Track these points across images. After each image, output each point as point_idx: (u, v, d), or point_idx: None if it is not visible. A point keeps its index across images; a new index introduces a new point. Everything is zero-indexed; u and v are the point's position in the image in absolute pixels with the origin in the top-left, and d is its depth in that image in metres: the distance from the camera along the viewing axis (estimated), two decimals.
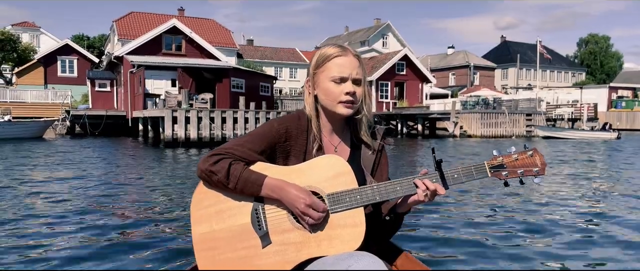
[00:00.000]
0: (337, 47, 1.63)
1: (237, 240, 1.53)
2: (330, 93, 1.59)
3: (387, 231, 1.73)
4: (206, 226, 1.56)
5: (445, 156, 14.10)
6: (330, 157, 1.58)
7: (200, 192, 1.59)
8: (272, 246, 1.52)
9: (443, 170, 1.57)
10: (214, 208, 1.57)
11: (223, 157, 1.53)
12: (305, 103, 1.67)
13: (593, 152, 16.42)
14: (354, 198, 1.53)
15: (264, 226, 1.53)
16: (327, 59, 1.61)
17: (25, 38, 43.04)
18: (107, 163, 11.28)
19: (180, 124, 19.83)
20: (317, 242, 1.51)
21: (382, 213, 1.69)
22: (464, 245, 4.03)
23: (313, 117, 1.64)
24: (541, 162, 1.57)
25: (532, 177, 1.57)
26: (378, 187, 1.56)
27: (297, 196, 1.49)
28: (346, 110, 1.59)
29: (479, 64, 60.16)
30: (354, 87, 1.59)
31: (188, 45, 30.21)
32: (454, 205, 5.78)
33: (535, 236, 4.34)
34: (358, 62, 1.62)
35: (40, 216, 5.04)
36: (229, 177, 1.51)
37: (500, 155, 1.59)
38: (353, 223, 1.52)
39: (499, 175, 1.57)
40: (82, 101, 33.58)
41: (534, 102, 33.16)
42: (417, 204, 1.60)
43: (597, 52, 76.08)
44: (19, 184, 7.47)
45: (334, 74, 1.58)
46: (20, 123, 23.13)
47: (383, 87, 35.23)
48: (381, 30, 56.77)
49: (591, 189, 7.50)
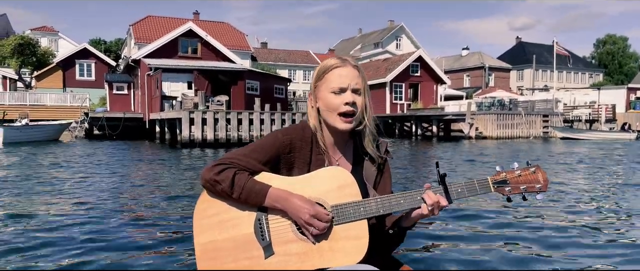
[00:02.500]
0: (336, 58, 1.65)
1: (240, 250, 1.54)
2: (330, 105, 1.59)
3: (390, 244, 1.72)
4: (209, 236, 1.56)
5: (462, 159, 14.00)
6: (335, 168, 1.59)
7: (203, 200, 1.60)
8: (274, 257, 1.52)
9: (447, 184, 1.57)
10: (217, 218, 1.57)
11: (227, 167, 1.54)
12: (309, 116, 1.68)
13: (613, 153, 16.15)
14: (358, 210, 1.53)
15: (267, 237, 1.53)
16: (327, 71, 1.62)
17: (44, 42, 43.81)
18: (120, 166, 11.43)
19: (197, 125, 20.08)
20: (320, 254, 1.51)
21: (386, 226, 1.69)
22: (465, 259, 3.97)
23: (318, 130, 1.64)
24: (544, 178, 1.58)
25: (535, 193, 1.58)
26: (382, 199, 1.56)
27: (301, 206, 1.50)
28: (345, 125, 1.60)
29: (494, 65, 59.57)
30: (353, 96, 1.60)
31: (204, 48, 30.49)
32: (456, 219, 5.72)
33: (545, 251, 4.28)
34: (358, 73, 1.63)
35: (43, 216, 5.13)
36: (233, 186, 1.52)
37: (504, 171, 1.60)
38: (356, 235, 1.52)
39: (502, 191, 1.58)
40: (100, 104, 34.07)
41: (550, 103, 32.72)
42: (422, 218, 1.60)
43: (615, 53, 74.79)
44: (26, 184, 7.61)
45: (334, 85, 1.59)
46: (37, 127, 23.51)
47: (397, 89, 35.10)
48: (395, 32, 56.54)
49: (612, 190, 7.39)
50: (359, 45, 58.14)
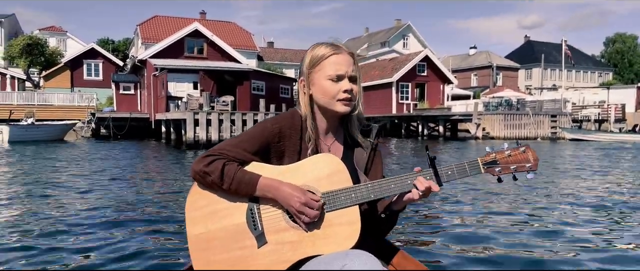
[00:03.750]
0: (331, 45, 1.63)
1: (233, 240, 1.53)
2: (328, 92, 1.59)
3: (383, 229, 1.72)
4: (201, 227, 1.56)
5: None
6: (325, 155, 1.58)
7: (194, 192, 1.59)
8: (267, 245, 1.51)
9: (436, 167, 1.57)
10: (208, 209, 1.57)
11: (217, 158, 1.54)
12: (300, 103, 1.66)
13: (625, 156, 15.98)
14: (349, 196, 1.53)
15: (259, 226, 1.53)
16: (322, 58, 1.61)
17: (52, 42, 44.14)
18: (116, 167, 11.46)
19: (202, 126, 20.10)
20: (313, 241, 1.50)
21: (378, 211, 1.69)
22: (461, 242, 3.96)
23: (308, 117, 1.63)
24: (534, 157, 1.58)
25: (525, 172, 1.58)
26: (372, 185, 1.55)
27: (291, 194, 1.49)
28: (344, 108, 1.60)
29: (502, 64, 59.25)
30: (351, 84, 1.59)
31: (209, 48, 30.57)
32: (450, 202, 5.69)
33: (539, 230, 4.24)
34: (353, 60, 1.62)
35: (45, 215, 5.13)
36: (223, 177, 1.51)
37: (493, 152, 1.59)
38: (348, 221, 1.51)
39: (492, 171, 1.58)
40: (107, 104, 34.27)
41: (559, 102, 32.46)
42: (412, 202, 1.60)
43: (625, 52, 74.11)
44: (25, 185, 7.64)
45: (331, 72, 1.58)
46: (42, 126, 23.68)
47: (404, 88, 35.02)
48: (402, 31, 56.41)
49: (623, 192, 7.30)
50: (365, 44, 58.06)
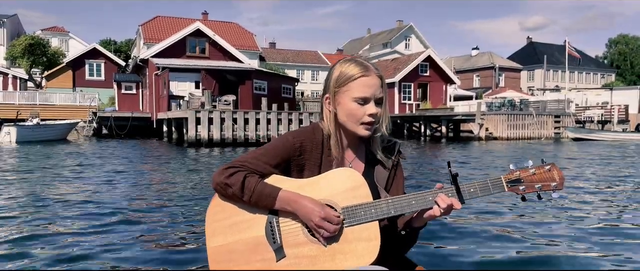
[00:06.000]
0: (361, 65, 1.60)
1: (252, 253, 1.53)
2: (352, 115, 1.58)
3: (403, 245, 1.71)
4: (221, 239, 1.57)
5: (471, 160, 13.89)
6: (345, 170, 1.57)
7: (215, 204, 1.60)
8: (286, 259, 1.51)
9: (459, 184, 1.54)
10: (228, 221, 1.57)
11: (238, 170, 1.55)
12: (325, 120, 1.65)
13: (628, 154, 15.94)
14: (369, 212, 1.52)
15: (278, 239, 1.53)
16: (351, 79, 1.58)
17: (55, 42, 44.20)
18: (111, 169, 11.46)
19: (204, 125, 20.10)
20: (332, 256, 1.50)
21: (398, 228, 1.68)
22: (482, 258, 3.92)
23: (332, 135, 1.63)
24: (559, 176, 1.54)
25: (550, 191, 1.54)
26: (393, 200, 1.54)
27: (311, 209, 1.48)
28: (366, 132, 1.59)
29: (505, 65, 59.19)
30: (376, 108, 1.58)
31: (211, 47, 30.59)
32: (471, 219, 5.66)
33: (560, 247, 4.22)
34: (381, 82, 1.61)
35: (50, 215, 5.13)
36: (243, 189, 1.52)
37: (518, 169, 1.56)
38: (368, 237, 1.50)
39: (516, 190, 1.54)
40: (109, 103, 34.32)
41: (562, 103, 32.38)
42: (433, 219, 1.58)
43: (627, 53, 73.94)
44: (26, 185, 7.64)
45: (357, 95, 1.57)
46: (47, 126, 23.85)
47: (406, 89, 34.99)
48: (404, 32, 56.36)
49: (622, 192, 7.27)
50: (367, 45, 58.01)
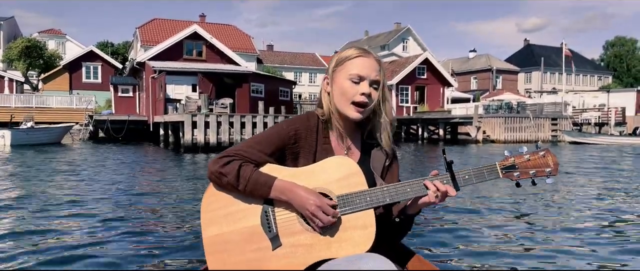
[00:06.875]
0: (360, 49, 1.63)
1: (247, 242, 1.52)
2: (345, 92, 1.57)
3: (398, 232, 1.71)
4: (216, 229, 1.55)
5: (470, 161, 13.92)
6: (340, 158, 1.57)
7: (210, 194, 1.59)
8: (282, 248, 1.51)
9: (454, 171, 1.54)
10: (224, 211, 1.56)
11: (233, 159, 1.54)
12: (322, 101, 1.66)
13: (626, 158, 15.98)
14: (364, 199, 1.51)
15: (274, 229, 1.52)
16: (348, 58, 1.60)
17: (52, 45, 44.11)
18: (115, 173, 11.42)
19: (200, 129, 19.99)
20: (327, 244, 1.49)
21: (393, 215, 1.67)
22: (477, 246, 3.93)
23: (333, 114, 1.63)
24: (554, 162, 1.55)
25: (545, 177, 1.54)
26: (388, 188, 1.54)
27: (306, 198, 1.48)
28: (356, 114, 1.58)
29: (502, 67, 59.37)
30: (370, 89, 1.58)
31: (208, 50, 30.55)
32: (467, 207, 5.67)
33: (549, 238, 4.22)
34: (379, 66, 1.61)
35: (53, 216, 5.10)
36: (238, 178, 1.51)
37: (512, 156, 1.57)
38: (363, 224, 1.50)
39: (510, 176, 1.55)
40: (105, 106, 34.21)
41: (559, 106, 32.43)
42: (428, 206, 1.57)
43: (623, 55, 74.21)
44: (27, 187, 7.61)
45: (353, 72, 1.57)
46: (42, 129, 23.64)
47: (403, 91, 35.02)
48: (401, 34, 56.50)
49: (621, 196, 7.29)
50: (365, 47, 58.07)
